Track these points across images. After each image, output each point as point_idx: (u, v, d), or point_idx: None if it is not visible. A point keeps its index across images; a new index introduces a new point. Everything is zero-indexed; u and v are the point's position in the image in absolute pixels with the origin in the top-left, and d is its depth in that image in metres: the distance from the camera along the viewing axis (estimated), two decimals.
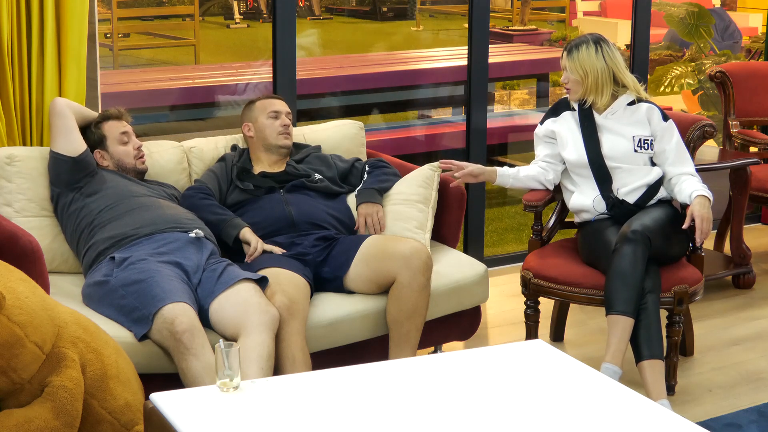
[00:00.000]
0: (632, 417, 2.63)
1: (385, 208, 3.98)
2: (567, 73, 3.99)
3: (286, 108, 4.10)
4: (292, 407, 2.62)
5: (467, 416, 2.58)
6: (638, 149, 3.95)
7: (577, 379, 2.84)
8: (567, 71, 3.99)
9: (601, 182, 3.98)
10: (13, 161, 3.72)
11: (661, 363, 3.68)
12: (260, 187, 3.94)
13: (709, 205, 3.83)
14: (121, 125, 3.86)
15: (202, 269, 3.55)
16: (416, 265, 3.64)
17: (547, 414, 2.62)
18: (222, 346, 2.66)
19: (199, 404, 2.62)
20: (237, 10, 8.84)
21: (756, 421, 3.72)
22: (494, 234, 6.27)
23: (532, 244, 4.15)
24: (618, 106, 3.99)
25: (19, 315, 2.76)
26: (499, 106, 7.80)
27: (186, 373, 3.22)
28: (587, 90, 3.98)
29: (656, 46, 7.51)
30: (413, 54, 8.59)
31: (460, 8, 9.12)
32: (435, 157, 5.10)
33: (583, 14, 9.36)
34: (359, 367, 2.88)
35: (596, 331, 4.49)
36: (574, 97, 4.02)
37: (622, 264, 3.69)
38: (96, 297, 3.48)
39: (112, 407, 2.95)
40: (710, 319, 4.43)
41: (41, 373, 2.82)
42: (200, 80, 6.78)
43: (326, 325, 3.61)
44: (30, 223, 3.69)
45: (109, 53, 6.86)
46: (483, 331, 4.45)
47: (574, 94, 4.02)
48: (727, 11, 7.68)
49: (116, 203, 3.68)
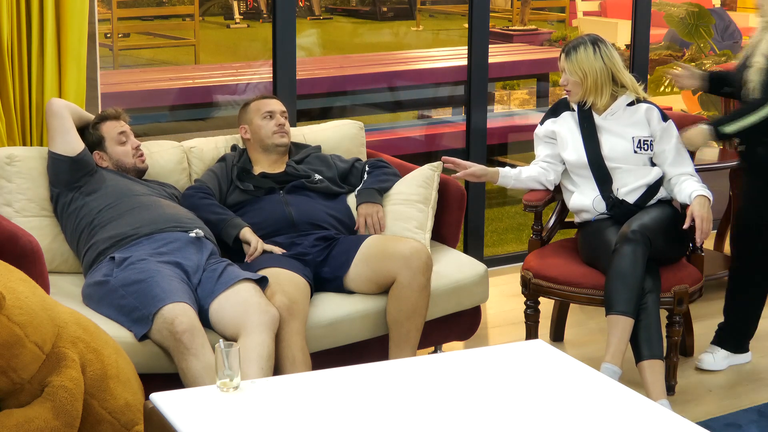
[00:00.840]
0: (632, 417, 2.63)
1: (385, 208, 3.98)
2: (566, 75, 3.99)
3: (281, 107, 4.09)
4: (292, 407, 2.63)
5: (467, 416, 2.58)
6: (638, 150, 3.95)
7: (577, 379, 2.84)
8: (566, 73, 3.99)
9: (601, 182, 3.98)
10: (13, 161, 3.72)
11: (661, 363, 3.69)
12: (260, 188, 3.94)
13: (708, 205, 3.83)
14: (119, 125, 3.85)
15: (202, 269, 3.55)
16: (416, 265, 3.64)
17: (547, 414, 2.62)
18: (222, 346, 2.66)
19: (199, 404, 2.62)
20: (237, 10, 8.84)
21: (756, 421, 3.72)
22: (494, 234, 6.27)
23: (532, 244, 4.15)
24: (617, 106, 3.99)
25: (19, 315, 2.76)
26: (499, 106, 7.81)
27: (186, 373, 3.22)
28: (587, 91, 3.98)
29: (656, 46, 7.51)
30: (413, 54, 8.59)
31: (460, 8, 9.12)
32: (435, 157, 5.08)
33: (583, 14, 9.36)
34: (359, 367, 2.88)
35: (596, 331, 4.49)
36: (575, 99, 4.02)
37: (622, 264, 3.70)
38: (96, 297, 3.48)
39: (112, 407, 2.95)
40: (710, 319, 4.43)
41: (41, 373, 2.82)
42: (200, 80, 6.78)
43: (326, 325, 3.61)
44: (30, 223, 3.69)
45: (109, 53, 6.87)
46: (483, 331, 4.45)
47: (574, 96, 4.01)
48: (727, 11, 7.68)
49: (116, 202, 3.68)
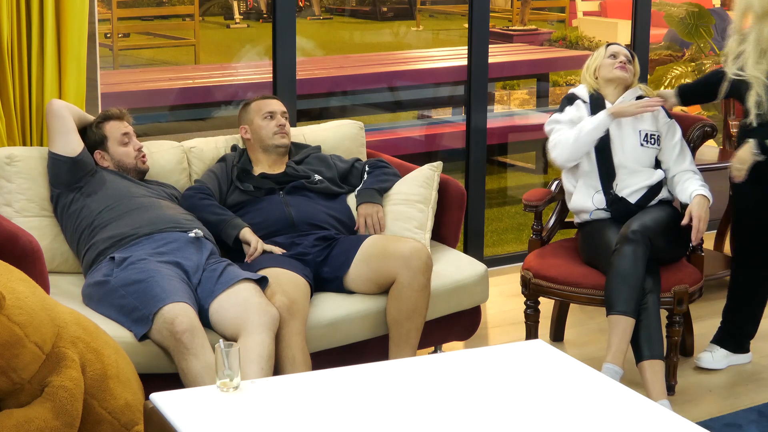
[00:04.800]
0: (632, 417, 2.63)
1: (385, 208, 3.98)
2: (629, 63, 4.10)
3: (281, 107, 4.09)
4: (292, 407, 2.63)
5: (467, 416, 2.58)
6: (644, 143, 3.98)
7: (576, 379, 2.84)
8: (630, 62, 4.12)
9: (604, 176, 3.98)
10: (13, 161, 3.72)
11: (662, 363, 3.69)
12: (260, 188, 3.94)
13: (707, 205, 3.86)
14: (123, 126, 3.86)
15: (201, 269, 3.55)
16: (416, 265, 3.64)
17: (547, 414, 2.63)
18: (222, 346, 2.66)
19: (199, 404, 2.63)
20: (237, 10, 8.84)
21: (756, 421, 3.72)
22: (494, 234, 6.27)
23: (532, 244, 4.16)
24: (627, 97, 4.03)
25: (19, 315, 2.76)
26: (499, 106, 7.81)
27: (186, 373, 3.22)
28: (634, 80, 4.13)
29: (656, 46, 7.51)
30: (413, 54, 8.59)
31: (460, 8, 9.12)
32: (435, 157, 5.10)
33: (583, 14, 9.35)
34: (359, 367, 2.89)
35: (596, 331, 4.50)
36: (630, 75, 4.09)
37: (623, 264, 3.70)
38: (96, 297, 3.48)
39: (112, 407, 2.95)
40: (710, 319, 4.43)
41: (41, 373, 2.82)
42: (200, 80, 6.78)
43: (326, 325, 3.61)
44: (30, 223, 3.69)
45: (109, 53, 6.87)
46: (483, 331, 4.45)
47: (631, 72, 4.11)
48: (727, 11, 7.67)
49: (116, 203, 3.68)
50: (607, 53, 4.12)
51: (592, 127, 3.97)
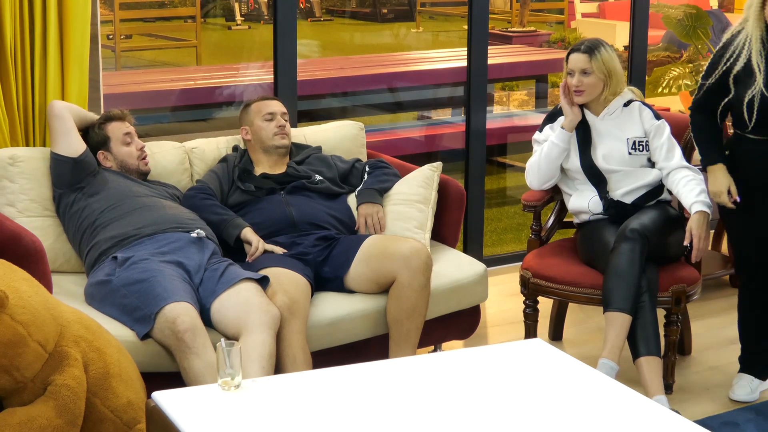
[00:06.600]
0: (630, 415, 2.64)
1: (385, 208, 4.00)
2: (581, 75, 3.93)
3: (281, 108, 4.11)
4: (292, 406, 2.64)
5: (467, 415, 2.59)
6: (632, 152, 3.96)
7: (575, 377, 2.85)
8: (587, 73, 3.93)
9: (597, 185, 3.99)
10: (16, 162, 3.74)
11: (658, 360, 3.70)
12: (261, 189, 3.96)
13: (707, 221, 3.80)
14: (125, 126, 3.88)
15: (203, 269, 3.57)
16: (416, 265, 3.66)
17: (546, 413, 2.64)
18: (223, 345, 2.67)
19: (200, 403, 2.63)
20: (238, 12, 8.85)
21: (753, 420, 3.73)
22: (493, 234, 6.28)
23: (531, 244, 4.17)
24: (614, 106, 4.01)
25: (22, 314, 2.77)
26: (499, 107, 7.81)
27: (188, 372, 3.24)
28: (606, 90, 3.96)
29: (654, 47, 7.52)
30: (413, 55, 8.60)
31: (459, 10, 9.12)
32: (435, 158, 5.10)
33: (581, 16, 9.36)
34: (359, 366, 2.89)
35: (595, 330, 4.51)
36: (587, 99, 3.96)
37: (620, 262, 3.71)
38: (98, 296, 3.50)
39: (115, 406, 2.96)
40: (708, 319, 4.45)
41: (44, 371, 2.83)
42: (202, 81, 6.80)
43: (327, 324, 3.63)
44: (33, 223, 3.70)
45: (111, 54, 6.87)
46: (482, 330, 4.46)
47: (589, 96, 3.96)
48: (724, 13, 7.68)
49: (118, 203, 3.70)
50: (567, 68, 3.97)
51: (549, 146, 3.97)
